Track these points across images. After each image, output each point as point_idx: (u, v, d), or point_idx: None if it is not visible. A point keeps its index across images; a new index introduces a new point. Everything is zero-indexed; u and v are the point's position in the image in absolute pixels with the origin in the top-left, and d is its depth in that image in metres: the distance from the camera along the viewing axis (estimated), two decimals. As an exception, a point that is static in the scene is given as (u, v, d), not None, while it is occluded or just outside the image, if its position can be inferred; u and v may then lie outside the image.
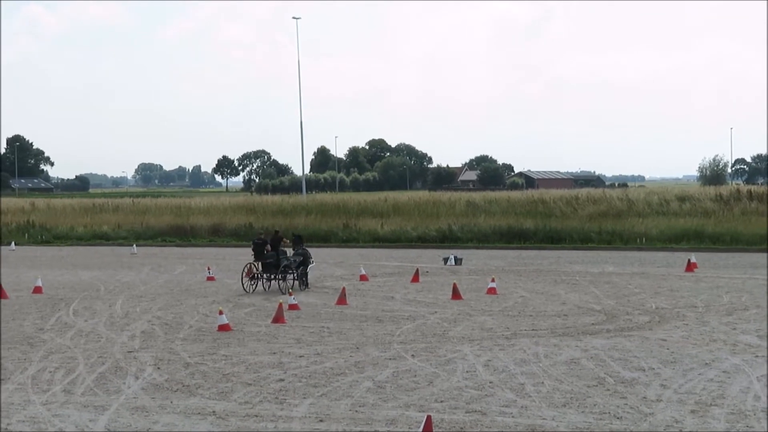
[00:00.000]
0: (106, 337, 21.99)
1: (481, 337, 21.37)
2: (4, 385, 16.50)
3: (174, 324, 24.14)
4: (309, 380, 16.63)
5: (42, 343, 21.14)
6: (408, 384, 16.20)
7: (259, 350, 19.92)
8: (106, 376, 17.27)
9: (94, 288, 33.57)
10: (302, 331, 22.65)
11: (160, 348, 20.34)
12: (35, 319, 25.47)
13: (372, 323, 23.85)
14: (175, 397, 15.34)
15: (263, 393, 15.60)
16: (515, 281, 34.02)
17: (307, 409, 14.35)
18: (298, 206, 76.37)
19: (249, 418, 13.89)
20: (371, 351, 19.64)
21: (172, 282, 35.87)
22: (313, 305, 27.75)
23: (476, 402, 14.76)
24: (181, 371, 17.66)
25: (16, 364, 18.61)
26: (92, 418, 13.95)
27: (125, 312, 26.70)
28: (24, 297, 30.87)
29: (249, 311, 26.60)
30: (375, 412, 14.10)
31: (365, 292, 31.03)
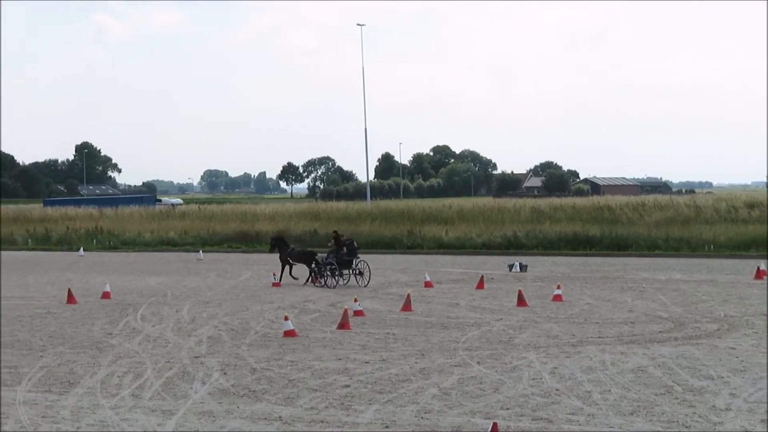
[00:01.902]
0: (174, 342, 22.17)
1: (547, 344, 21.25)
2: (74, 389, 16.69)
3: (240, 329, 24.28)
4: (374, 386, 16.64)
5: (110, 348, 21.36)
6: (474, 391, 16.15)
7: (324, 356, 19.97)
8: (173, 381, 17.40)
9: (161, 293, 33.87)
10: (367, 337, 22.67)
11: (227, 353, 20.46)
12: (104, 324, 25.75)
13: (437, 330, 23.81)
14: (242, 402, 15.42)
15: (329, 399, 15.63)
16: (581, 288, 33.80)
17: (372, 415, 14.35)
18: (362, 213, 76.48)
19: (315, 423, 13.92)
20: (436, 357, 19.60)
21: (237, 288, 36.09)
22: (378, 312, 27.77)
23: (542, 409, 14.68)
24: (247, 377, 17.75)
25: (86, 368, 18.82)
26: (160, 422, 14.06)
27: (192, 317, 26.90)
28: (93, 302, 31.23)
29: (314, 317, 26.68)
30: (441, 419, 14.07)
31: (430, 299, 30.99)
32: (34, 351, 21.09)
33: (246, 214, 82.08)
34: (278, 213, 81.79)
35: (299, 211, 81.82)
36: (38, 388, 16.82)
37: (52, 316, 27.58)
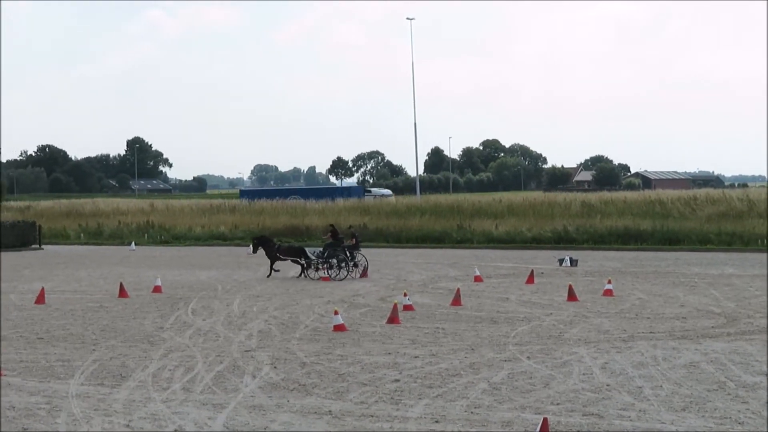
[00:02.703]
0: (224, 336, 22.28)
1: (597, 339, 21.13)
2: (126, 383, 16.82)
3: (290, 324, 24.35)
4: (424, 381, 16.62)
5: (162, 342, 21.50)
6: (524, 386, 16.09)
7: (374, 350, 19.98)
8: (224, 374, 17.48)
9: (212, 287, 34.06)
10: (417, 331, 22.66)
11: (277, 347, 20.53)
12: (155, 317, 25.93)
13: (487, 324, 23.76)
14: (292, 396, 15.46)
15: (379, 393, 15.64)
16: (632, 283, 33.59)
17: (422, 410, 14.33)
18: (412, 207, 76.50)
19: (365, 418, 13.92)
20: (486, 352, 19.56)
21: (287, 282, 36.22)
22: (427, 306, 27.75)
23: (593, 405, 14.59)
24: (297, 370, 17.80)
25: (137, 362, 18.96)
26: (211, 416, 14.13)
27: (242, 311, 27.03)
28: (144, 296, 31.46)
29: (364, 311, 26.71)
30: (491, 414, 14.04)
31: (480, 293, 30.94)
32: (86, 344, 21.28)
33: (296, 209, 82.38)
34: (327, 207, 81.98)
35: (349, 206, 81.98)
36: (91, 381, 16.96)
37: (104, 310, 27.82)
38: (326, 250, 37.92)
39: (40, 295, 30.06)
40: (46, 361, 19.11)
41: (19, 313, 27.27)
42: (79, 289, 34.67)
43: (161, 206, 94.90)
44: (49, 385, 16.71)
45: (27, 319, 25.86)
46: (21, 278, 39.91)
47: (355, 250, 38.36)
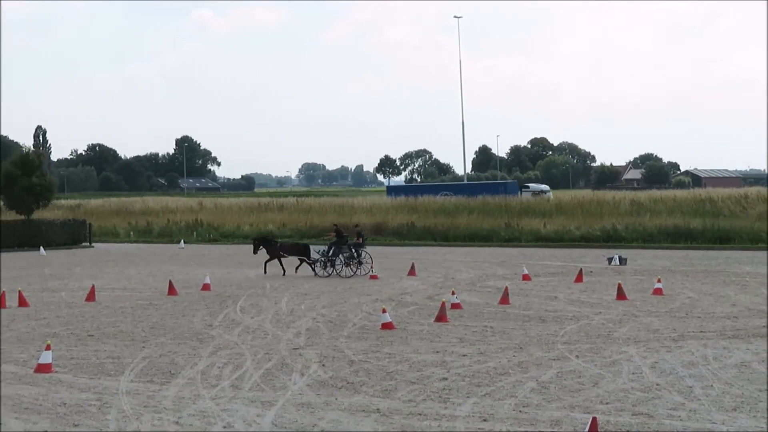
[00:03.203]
0: (272, 333, 22.34)
1: (647, 338, 20.98)
2: (175, 380, 16.91)
3: (338, 322, 24.39)
4: (472, 379, 16.58)
5: (210, 339, 21.61)
6: (572, 385, 16.00)
7: (422, 349, 19.96)
8: (272, 372, 17.53)
9: (260, 285, 34.19)
10: (465, 330, 22.61)
11: (325, 345, 20.56)
12: (204, 315, 26.06)
13: (535, 323, 23.67)
14: (340, 394, 15.47)
15: (427, 391, 15.61)
16: (682, 282, 33.34)
17: (470, 409, 14.30)
18: (459, 205, 76.33)
19: (413, 416, 13.91)
20: (535, 351, 19.48)
21: (335, 280, 36.26)
22: (475, 304, 27.69)
23: (643, 404, 14.48)
24: (345, 368, 17.81)
25: (186, 359, 19.06)
26: (259, 413, 14.17)
27: (290, 309, 27.10)
28: (193, 294, 31.63)
29: (412, 310, 26.69)
30: (539, 413, 13.97)
31: (528, 292, 30.83)
32: (136, 342, 21.43)
33: (343, 207, 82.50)
34: (375, 206, 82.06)
35: (396, 204, 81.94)
36: (140, 378, 17.07)
37: (153, 308, 28.00)
38: (331, 248, 38.71)
39: (91, 293, 30.32)
40: (96, 358, 19.26)
41: (70, 311, 27.52)
42: (128, 286, 34.93)
43: (210, 205, 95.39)
44: (100, 381, 16.84)
45: (78, 317, 26.09)
46: (72, 276, 40.28)
47: (361, 248, 38.96)
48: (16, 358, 19.47)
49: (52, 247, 63.92)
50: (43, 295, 32.08)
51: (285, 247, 40.27)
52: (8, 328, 24.01)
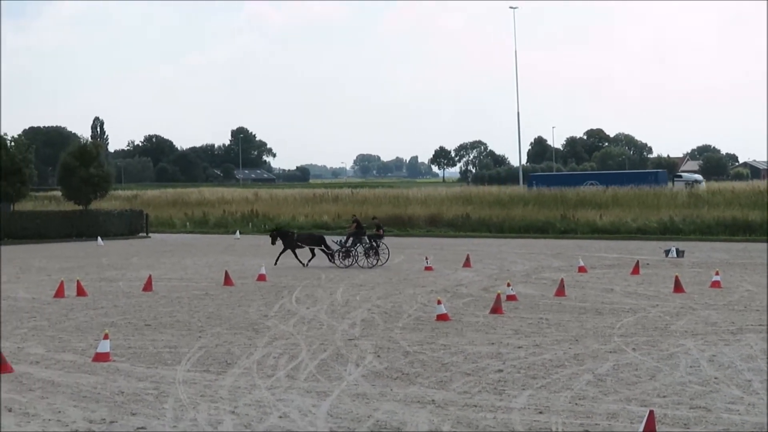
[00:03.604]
0: (328, 324, 22.40)
1: (705, 331, 20.78)
2: (231, 369, 17.00)
3: (393, 313, 24.39)
4: (528, 371, 16.52)
5: (266, 330, 21.69)
6: (629, 378, 15.88)
7: (477, 340, 19.92)
8: (327, 362, 17.57)
9: (316, 276, 34.29)
10: (520, 322, 22.53)
11: (380, 336, 20.58)
12: (260, 306, 26.17)
13: (591, 315, 23.53)
14: (395, 385, 15.47)
15: (482, 383, 15.57)
16: (741, 275, 32.99)
17: (526, 401, 14.24)
18: (515, 197, 76.14)
19: (468, 408, 13.88)
20: (591, 343, 19.36)
21: (390, 271, 36.30)
22: (531, 296, 27.59)
23: (700, 398, 14.34)
24: (400, 359, 17.81)
25: (242, 349, 19.15)
26: (315, 403, 14.21)
27: (345, 300, 27.15)
28: (249, 284, 31.79)
29: (467, 301, 26.64)
30: (595, 406, 13.89)
31: (584, 284, 30.66)
32: (193, 331, 21.57)
33: (398, 198, 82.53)
34: (430, 197, 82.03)
35: (451, 195, 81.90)
36: (197, 368, 17.18)
37: (209, 298, 28.17)
38: (349, 239, 39.13)
39: (148, 283, 30.57)
40: (153, 348, 19.42)
41: (128, 300, 27.77)
42: (185, 276, 35.19)
43: (265, 196, 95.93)
44: (157, 371, 16.97)
45: (135, 306, 26.32)
46: (129, 266, 40.64)
47: (380, 239, 39.25)
48: (75, 346, 19.68)
49: (109, 237, 64.55)
50: (101, 284, 32.40)
51: (302, 238, 40.44)
52: (67, 317, 24.28)
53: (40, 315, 24.76)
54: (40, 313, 25.06)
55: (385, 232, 40.98)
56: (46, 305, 26.84)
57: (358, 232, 39.25)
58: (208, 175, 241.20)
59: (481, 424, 12.94)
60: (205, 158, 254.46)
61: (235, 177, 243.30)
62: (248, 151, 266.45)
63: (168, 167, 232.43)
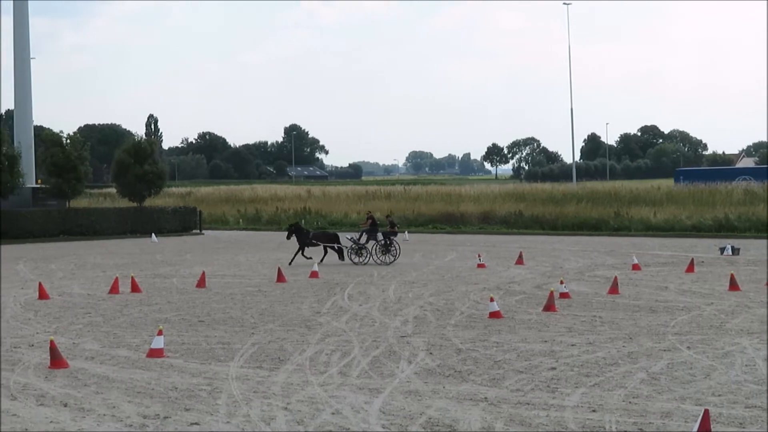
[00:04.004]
0: (380, 321, 22.41)
1: (761, 330, 20.54)
2: (284, 366, 17.05)
3: (445, 310, 24.36)
4: (581, 369, 16.42)
5: (319, 326, 21.74)
6: (684, 376, 15.74)
7: (530, 338, 19.84)
8: (380, 359, 17.57)
9: (368, 273, 34.32)
10: (574, 319, 22.41)
11: (432, 333, 20.55)
12: (312, 302, 26.24)
13: (645, 313, 23.35)
14: (447, 383, 15.45)
15: (535, 381, 15.51)
16: (797, 273, 32.59)
17: (579, 399, 14.16)
18: (568, 194, 75.79)
19: (520, 405, 13.82)
20: (645, 341, 19.22)
21: (443, 268, 36.26)
22: (584, 294, 27.44)
23: (756, 397, 14.18)
24: (452, 357, 17.78)
25: (295, 345, 19.20)
26: (367, 400, 14.21)
27: (398, 297, 27.15)
28: (301, 281, 31.88)
29: (520, 299, 26.55)
30: (649, 404, 13.77)
31: (637, 282, 30.45)
32: (246, 328, 21.66)
33: (451, 196, 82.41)
34: (483, 194, 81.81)
35: (504, 192, 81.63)
36: (250, 364, 17.25)
37: (262, 294, 28.29)
38: (362, 236, 39.51)
39: (201, 279, 30.76)
40: (206, 344, 19.53)
41: (181, 297, 27.96)
42: (238, 273, 35.37)
43: (318, 192, 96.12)
44: (210, 367, 17.07)
45: (188, 303, 26.49)
46: (183, 262, 40.92)
47: (393, 236, 39.49)
48: (129, 342, 19.84)
49: (163, 233, 65.07)
50: (155, 281, 32.65)
51: (317, 236, 40.50)
52: (121, 313, 24.50)
53: (95, 311, 25.00)
54: (95, 309, 25.31)
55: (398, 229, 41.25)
56: (101, 301, 27.10)
57: (373, 229, 39.49)
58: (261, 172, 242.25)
59: (534, 422, 12.88)
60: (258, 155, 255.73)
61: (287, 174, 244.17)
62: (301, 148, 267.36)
63: (221, 164, 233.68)
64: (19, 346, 19.44)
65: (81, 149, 66.61)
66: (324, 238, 40.43)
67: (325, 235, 41.08)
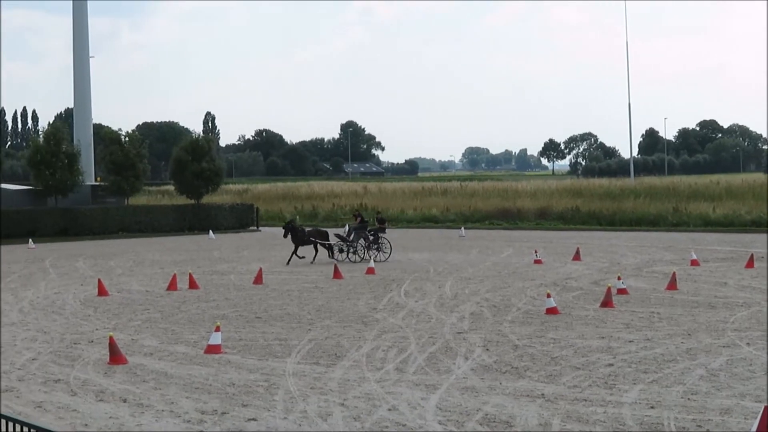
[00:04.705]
0: (436, 317, 22.39)
1: (822, 326, 20.30)
2: (341, 362, 17.10)
3: (502, 306, 24.29)
4: (639, 366, 16.31)
5: (375, 323, 21.77)
6: (743, 373, 15.58)
7: (587, 334, 19.73)
8: (436, 356, 17.56)
9: (424, 270, 34.30)
10: (631, 315, 22.25)
11: (489, 330, 20.51)
12: (368, 299, 26.28)
13: (704, 309, 23.14)
14: (504, 379, 15.41)
15: (592, 377, 15.43)
16: None
17: (637, 395, 14.07)
18: (625, 189, 75.33)
19: (578, 402, 13.76)
20: (703, 338, 19.04)
21: (499, 264, 36.15)
22: (642, 290, 27.24)
23: (818, 394, 14.02)
24: (509, 353, 17.74)
25: (352, 342, 19.24)
26: (424, 396, 14.22)
27: (454, 293, 27.11)
28: (358, 278, 31.93)
29: (576, 295, 26.41)
30: (708, 401, 13.66)
31: (696, 278, 30.17)
32: (302, 324, 21.74)
33: (507, 192, 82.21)
34: (540, 190, 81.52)
35: (561, 188, 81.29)
36: (307, 360, 17.32)
37: (319, 291, 28.37)
38: (351, 233, 39.09)
39: (258, 276, 30.91)
40: (264, 340, 19.62)
41: (238, 293, 28.11)
42: (295, 270, 35.49)
43: (374, 189, 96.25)
44: (267, 363, 17.15)
45: (246, 299, 26.63)
46: (240, 259, 41.15)
47: (381, 233, 39.27)
48: (187, 338, 19.99)
49: (220, 230, 65.46)
50: (213, 277, 32.86)
51: (313, 233, 40.09)
52: (179, 309, 24.69)
53: (153, 307, 25.22)
54: (153, 306, 25.52)
55: (387, 226, 41.29)
56: (159, 298, 27.33)
57: (361, 227, 39.33)
58: (317, 168, 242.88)
59: (591, 418, 12.82)
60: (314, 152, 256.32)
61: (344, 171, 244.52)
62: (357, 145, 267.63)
63: (278, 161, 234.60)
64: (78, 343, 19.66)
65: (139, 147, 67.22)
66: (319, 236, 40.12)
67: (320, 233, 40.83)
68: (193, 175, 67.85)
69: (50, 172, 62.12)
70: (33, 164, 63.75)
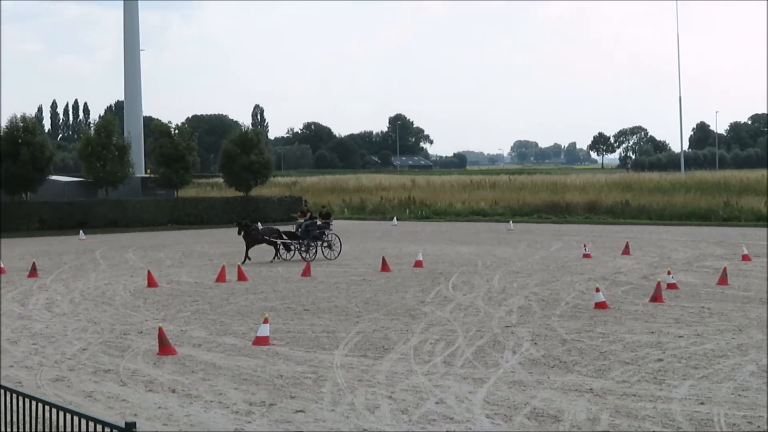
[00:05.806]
0: (484, 311, 22.34)
1: None
2: (388, 355, 17.10)
3: (550, 300, 24.20)
4: (689, 361, 16.17)
5: (423, 316, 21.75)
6: (795, 369, 15.42)
7: (636, 329, 19.60)
8: (484, 349, 17.52)
9: (472, 263, 34.24)
10: (681, 311, 22.09)
11: (537, 324, 20.43)
12: (416, 292, 26.26)
13: (755, 305, 22.91)
14: (552, 373, 15.34)
15: (641, 372, 15.32)
16: None
17: (686, 391, 13.95)
18: (676, 183, 74.75)
19: (627, 397, 13.67)
20: (755, 334, 18.85)
21: (548, 258, 36.01)
22: (692, 285, 27.03)
23: None
24: (557, 347, 17.66)
25: (399, 335, 19.24)
26: (471, 390, 14.18)
27: (502, 287, 27.04)
28: (406, 270, 31.92)
29: (626, 289, 26.25)
30: (759, 397, 13.52)
31: (747, 273, 29.90)
32: (350, 317, 21.77)
33: (556, 185, 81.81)
34: (589, 184, 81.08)
35: (610, 182, 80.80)
36: (354, 353, 17.33)
37: (367, 283, 28.40)
38: (298, 229, 37.82)
39: (306, 268, 30.99)
40: (312, 332, 19.67)
41: (286, 285, 28.20)
42: (342, 262, 35.53)
43: (422, 182, 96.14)
44: (315, 355, 17.19)
45: (294, 291, 26.71)
46: (288, 251, 41.24)
47: (326, 228, 38.01)
48: (236, 330, 20.08)
49: (269, 222, 65.66)
50: (261, 269, 32.99)
51: (267, 232, 38.89)
52: (228, 301, 24.80)
53: (202, 299, 25.35)
54: (202, 297, 25.67)
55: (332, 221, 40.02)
56: (208, 289, 27.48)
57: (311, 223, 37.78)
58: (365, 161, 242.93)
59: (641, 413, 12.73)
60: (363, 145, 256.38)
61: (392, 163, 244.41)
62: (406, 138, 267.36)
63: (326, 154, 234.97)
64: (128, 333, 19.81)
65: (189, 139, 67.63)
66: (274, 234, 38.85)
67: (275, 231, 39.34)
68: (242, 168, 68.17)
69: (101, 164, 62.67)
70: (84, 156, 64.34)
